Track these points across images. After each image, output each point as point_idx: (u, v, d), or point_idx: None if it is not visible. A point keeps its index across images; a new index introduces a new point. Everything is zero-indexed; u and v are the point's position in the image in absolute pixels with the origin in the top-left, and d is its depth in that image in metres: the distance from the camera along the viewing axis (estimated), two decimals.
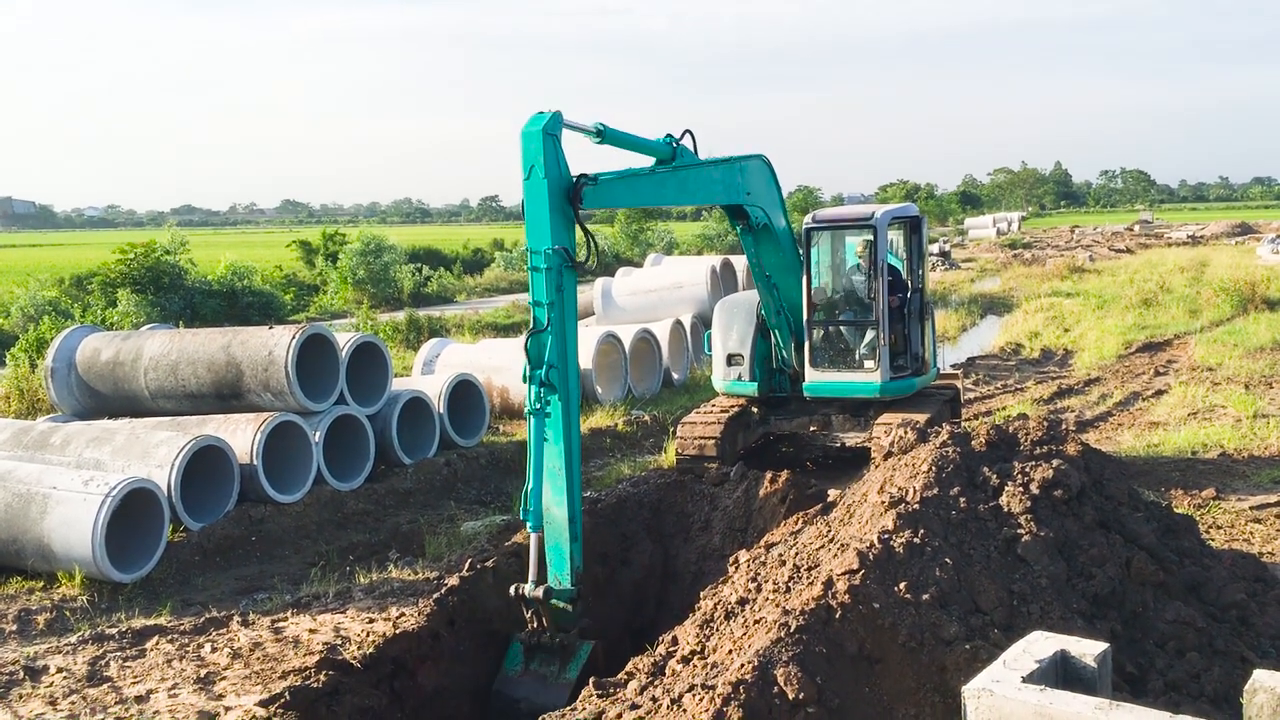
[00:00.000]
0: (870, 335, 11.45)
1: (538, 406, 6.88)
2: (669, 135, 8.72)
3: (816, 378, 11.53)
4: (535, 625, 6.92)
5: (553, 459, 6.93)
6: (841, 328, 11.74)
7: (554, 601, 6.85)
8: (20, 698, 7.08)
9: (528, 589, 6.85)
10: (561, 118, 6.99)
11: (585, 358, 15.34)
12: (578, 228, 7.12)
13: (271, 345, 11.58)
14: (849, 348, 11.68)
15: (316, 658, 6.79)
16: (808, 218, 11.94)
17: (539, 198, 6.89)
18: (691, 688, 4.78)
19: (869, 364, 11.38)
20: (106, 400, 12.80)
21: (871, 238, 11.29)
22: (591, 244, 7.14)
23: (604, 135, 7.71)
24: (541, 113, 6.94)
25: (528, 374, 6.91)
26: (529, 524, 6.91)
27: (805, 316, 11.43)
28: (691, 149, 8.90)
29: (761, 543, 6.98)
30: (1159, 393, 15.60)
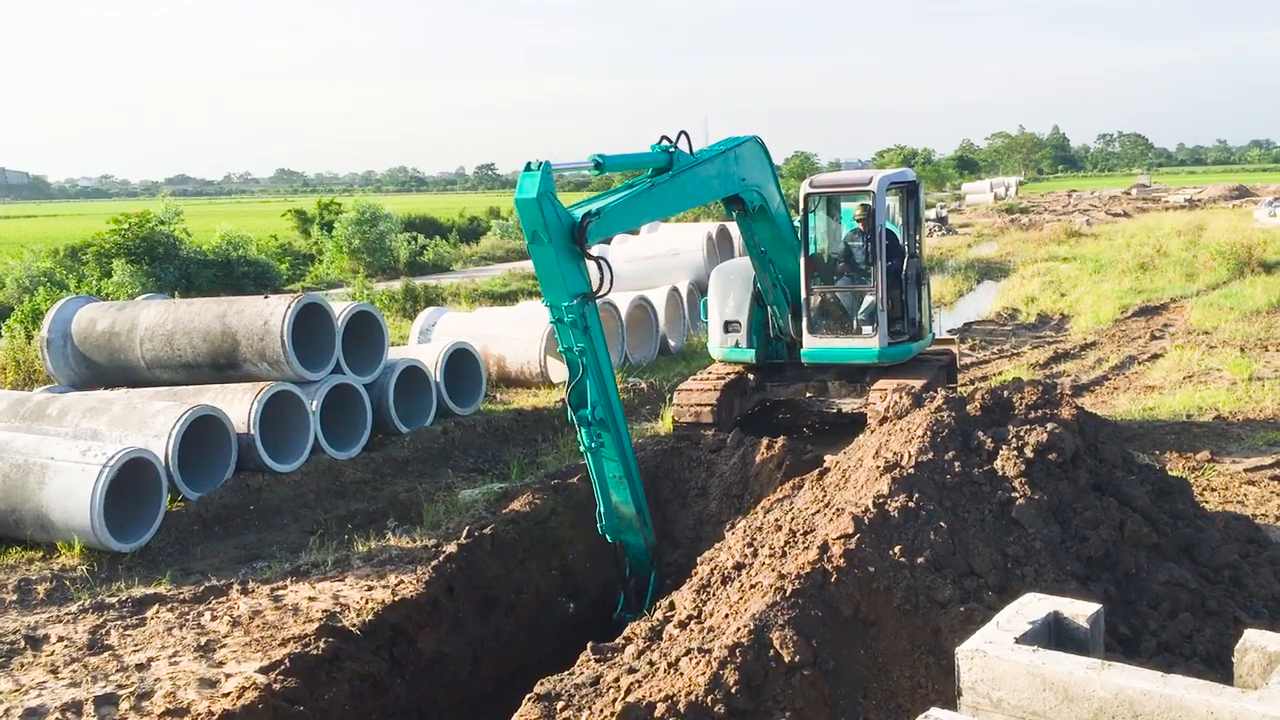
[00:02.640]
0: (868, 301, 11.45)
1: (591, 445, 7.23)
2: (664, 139, 8.55)
3: (815, 344, 11.53)
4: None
5: (614, 470, 7.38)
6: (839, 293, 11.73)
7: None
8: (22, 666, 7.12)
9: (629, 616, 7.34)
10: (551, 170, 6.88)
11: None
12: (587, 260, 7.17)
13: (267, 315, 11.56)
14: (847, 313, 11.68)
15: (316, 625, 6.83)
16: (805, 183, 11.89)
17: (548, 260, 6.94)
18: (688, 651, 4.81)
19: (867, 330, 11.39)
20: (103, 371, 12.79)
21: (869, 203, 11.27)
22: (604, 270, 7.16)
23: (602, 166, 7.63)
24: (530, 171, 6.81)
25: (574, 418, 7.20)
26: (609, 537, 7.59)
27: (803, 282, 11.41)
28: (687, 149, 8.77)
29: (758, 508, 7.01)
30: (1155, 356, 15.61)
